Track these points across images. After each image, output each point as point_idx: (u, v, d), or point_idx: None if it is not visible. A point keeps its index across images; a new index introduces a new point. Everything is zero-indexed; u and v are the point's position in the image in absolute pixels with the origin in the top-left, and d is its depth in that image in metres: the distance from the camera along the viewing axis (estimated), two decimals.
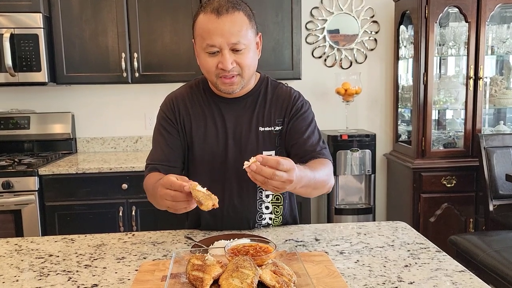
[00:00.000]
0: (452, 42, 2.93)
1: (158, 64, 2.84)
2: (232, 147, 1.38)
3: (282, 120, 1.40)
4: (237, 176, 1.37)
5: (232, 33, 1.21)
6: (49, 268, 1.14)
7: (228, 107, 1.39)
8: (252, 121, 1.39)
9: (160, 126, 1.42)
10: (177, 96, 1.44)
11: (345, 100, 3.07)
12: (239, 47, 1.24)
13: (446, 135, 3.11)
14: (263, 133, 1.39)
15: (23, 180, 2.54)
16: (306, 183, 1.16)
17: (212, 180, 1.37)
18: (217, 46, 1.23)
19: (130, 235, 1.38)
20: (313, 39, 3.23)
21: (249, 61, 1.28)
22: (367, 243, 1.27)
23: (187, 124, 1.40)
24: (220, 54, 1.24)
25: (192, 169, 1.42)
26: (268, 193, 1.42)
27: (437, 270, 1.07)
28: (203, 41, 1.24)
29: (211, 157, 1.38)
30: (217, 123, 1.39)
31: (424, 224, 2.88)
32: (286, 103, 1.41)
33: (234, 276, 0.81)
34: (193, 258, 0.90)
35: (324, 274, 0.96)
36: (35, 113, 3.09)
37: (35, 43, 2.69)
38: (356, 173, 2.98)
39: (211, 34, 1.22)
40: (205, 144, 1.39)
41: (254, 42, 1.30)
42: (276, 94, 1.43)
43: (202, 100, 1.42)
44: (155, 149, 1.43)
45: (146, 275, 0.98)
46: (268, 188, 1.04)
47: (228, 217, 1.40)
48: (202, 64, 1.30)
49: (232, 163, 1.37)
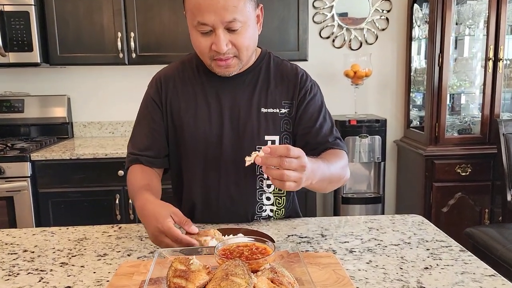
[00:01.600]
0: (470, 21, 2.73)
1: (156, 45, 2.68)
2: (229, 130, 1.22)
3: (290, 103, 1.24)
4: (234, 163, 1.22)
5: (226, 9, 1.04)
6: (20, 266, 1.01)
7: (224, 85, 1.23)
8: (253, 100, 1.23)
9: (145, 108, 1.28)
10: (166, 73, 1.29)
11: (354, 83, 2.90)
12: (235, 26, 1.07)
13: (461, 120, 2.93)
14: (265, 115, 1.23)
15: (15, 166, 2.42)
16: (321, 177, 1.03)
17: (206, 168, 1.24)
18: (209, 25, 1.06)
19: (116, 228, 1.25)
20: (321, 18, 3.04)
21: (247, 41, 1.12)
22: (380, 240, 1.12)
23: (175, 105, 1.25)
24: (213, 33, 1.08)
25: (184, 155, 1.27)
26: (270, 183, 1.26)
27: (463, 274, 0.93)
28: (194, 18, 1.08)
29: (203, 141, 1.23)
30: (211, 103, 1.23)
31: (436, 215, 2.72)
32: (293, 83, 1.25)
33: (223, 286, 0.67)
34: (175, 261, 0.75)
35: (332, 280, 0.81)
36: (30, 96, 2.96)
37: (26, 21, 2.55)
38: (364, 161, 2.82)
39: (203, 11, 1.05)
40: (196, 128, 1.23)
41: (253, 17, 1.13)
42: (280, 72, 1.27)
43: (194, 77, 1.26)
44: (138, 133, 1.29)
45: (122, 279, 0.84)
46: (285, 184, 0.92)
47: (224, 208, 1.25)
48: (194, 43, 1.14)
49: (229, 148, 1.22)
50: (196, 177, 1.26)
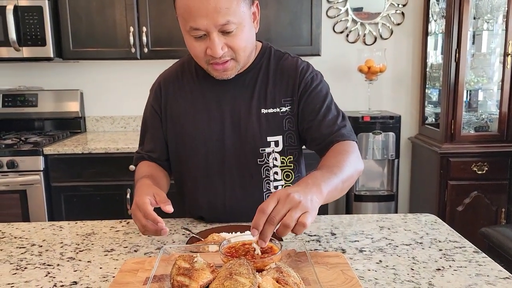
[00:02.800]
0: (489, 15, 2.66)
1: (168, 39, 2.67)
2: (230, 134, 1.19)
3: (291, 100, 1.19)
4: (238, 166, 1.20)
5: (219, 11, 0.99)
6: (28, 261, 1.01)
7: (223, 87, 1.19)
8: (252, 102, 1.19)
9: (146, 114, 1.30)
10: (166, 78, 1.27)
11: (368, 78, 2.85)
12: (229, 28, 1.02)
13: (478, 117, 2.86)
14: (266, 116, 1.18)
15: (28, 160, 2.44)
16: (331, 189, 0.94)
17: (209, 174, 1.21)
18: (202, 29, 1.02)
19: (124, 223, 1.24)
20: (335, 12, 2.99)
21: (243, 43, 1.07)
22: (391, 239, 1.10)
23: (174, 111, 1.23)
24: (207, 37, 1.04)
25: (185, 162, 1.24)
26: (277, 184, 1.23)
27: (477, 276, 0.89)
28: (186, 23, 1.03)
29: (204, 146, 1.20)
30: (211, 107, 1.20)
31: (451, 214, 2.67)
32: (293, 78, 1.19)
33: (227, 285, 0.65)
34: (179, 259, 0.74)
35: (340, 281, 0.79)
36: (43, 90, 2.98)
37: (39, 16, 2.56)
38: (378, 158, 2.78)
39: (194, 15, 1.00)
40: (196, 133, 1.20)
41: (248, 16, 1.07)
42: (280, 68, 1.22)
43: (193, 81, 1.23)
44: (143, 136, 1.32)
45: (127, 275, 0.83)
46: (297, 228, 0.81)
47: (231, 213, 1.22)
48: (189, 48, 1.10)
49: (231, 153, 1.19)
50: (199, 184, 1.24)
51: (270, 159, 1.20)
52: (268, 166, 1.21)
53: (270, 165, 1.21)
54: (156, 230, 0.95)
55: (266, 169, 1.21)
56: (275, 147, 1.20)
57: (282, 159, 1.21)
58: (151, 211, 0.95)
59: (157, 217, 0.94)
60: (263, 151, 1.17)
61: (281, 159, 1.21)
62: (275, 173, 1.22)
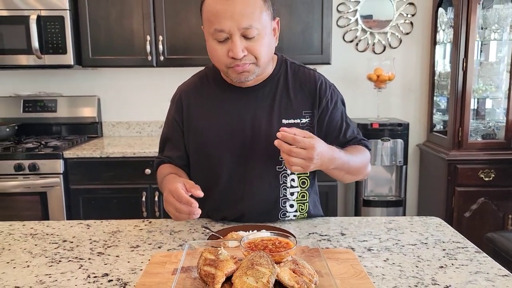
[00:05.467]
0: (496, 25, 2.72)
1: (183, 48, 2.77)
2: (251, 142, 1.26)
3: (311, 113, 1.27)
4: (259, 173, 1.27)
5: (243, 15, 1.08)
6: (62, 255, 1.10)
7: (244, 98, 1.27)
8: (273, 112, 1.26)
9: (168, 126, 1.38)
10: (186, 89, 1.34)
11: (377, 86, 2.92)
12: (251, 33, 1.10)
13: (485, 125, 2.91)
14: (287, 126, 1.23)
15: (49, 163, 2.55)
16: (340, 165, 1.16)
17: (230, 181, 1.28)
18: (226, 31, 1.10)
19: (147, 222, 1.33)
20: (345, 22, 3.08)
21: (264, 49, 1.14)
22: (398, 239, 1.17)
23: (196, 121, 1.30)
24: (230, 41, 1.11)
25: (207, 169, 1.31)
26: (293, 191, 1.31)
27: (477, 273, 0.96)
28: (211, 26, 1.11)
29: (227, 156, 1.27)
30: (232, 116, 1.27)
31: (458, 219, 2.72)
32: (313, 92, 1.28)
33: (249, 274, 0.73)
34: (205, 251, 0.82)
35: (349, 274, 0.87)
36: (62, 96, 3.10)
37: (61, 25, 2.67)
38: (386, 164, 2.85)
39: (220, 17, 1.09)
40: (219, 142, 1.27)
41: (269, 28, 1.16)
42: (298, 80, 1.29)
43: (214, 93, 1.30)
44: (163, 144, 1.40)
45: (156, 267, 0.91)
46: (292, 166, 1.05)
47: (249, 215, 1.29)
48: (210, 52, 1.18)
49: (252, 160, 1.26)
50: (220, 190, 1.30)
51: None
52: (286, 173, 1.28)
53: (288, 172, 1.28)
54: (190, 212, 1.03)
55: (284, 176, 1.28)
56: None
57: None
58: (184, 194, 1.04)
59: (190, 199, 1.03)
60: (282, 159, 1.24)
61: None
62: (292, 180, 1.30)
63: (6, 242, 1.19)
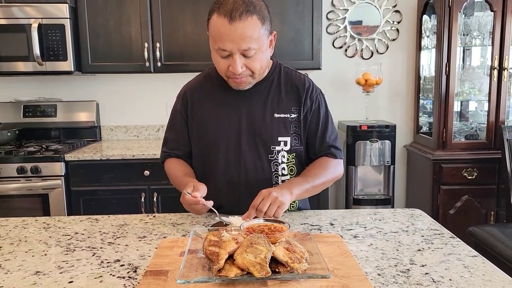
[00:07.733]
0: (477, 32, 2.87)
1: (180, 54, 2.89)
2: (246, 133, 1.42)
3: (298, 109, 1.44)
4: (253, 161, 1.42)
5: (243, 39, 1.24)
6: (75, 245, 1.20)
7: (241, 95, 1.43)
8: (267, 107, 1.43)
9: (173, 119, 1.54)
10: (191, 87, 1.52)
11: (365, 90, 3.06)
12: (249, 54, 1.27)
13: (468, 126, 3.06)
14: (278, 119, 1.42)
15: (51, 166, 2.64)
16: (301, 191, 1.34)
17: (227, 168, 1.44)
18: (228, 50, 1.27)
19: (151, 217, 1.43)
20: (334, 29, 3.22)
21: (259, 65, 1.32)
22: (381, 228, 1.29)
23: (199, 114, 1.47)
24: (231, 57, 1.28)
25: (207, 157, 1.47)
26: (285, 179, 1.46)
27: (450, 254, 1.08)
28: (215, 43, 1.28)
29: (224, 144, 1.43)
30: (230, 110, 1.43)
31: (443, 216, 2.86)
32: (302, 92, 1.45)
33: (249, 252, 0.85)
34: (210, 234, 0.94)
35: (336, 253, 0.99)
36: (62, 102, 3.20)
37: (61, 33, 2.78)
38: (375, 164, 2.98)
39: (223, 40, 1.25)
40: (218, 132, 1.43)
41: (266, 43, 1.33)
42: (290, 81, 1.46)
43: (215, 90, 1.47)
44: (170, 136, 1.55)
45: (165, 250, 1.02)
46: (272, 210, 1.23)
47: (244, 202, 1.41)
48: (214, 62, 1.36)
49: (247, 149, 1.42)
50: (219, 176, 1.46)
51: (279, 156, 1.43)
52: (277, 162, 1.44)
53: (279, 161, 1.44)
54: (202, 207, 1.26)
55: (275, 164, 1.44)
56: (284, 146, 1.43)
57: (288, 156, 1.44)
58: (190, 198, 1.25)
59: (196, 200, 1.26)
60: (274, 149, 1.41)
61: (287, 157, 1.44)
62: (283, 168, 1.45)
63: (22, 234, 1.29)
